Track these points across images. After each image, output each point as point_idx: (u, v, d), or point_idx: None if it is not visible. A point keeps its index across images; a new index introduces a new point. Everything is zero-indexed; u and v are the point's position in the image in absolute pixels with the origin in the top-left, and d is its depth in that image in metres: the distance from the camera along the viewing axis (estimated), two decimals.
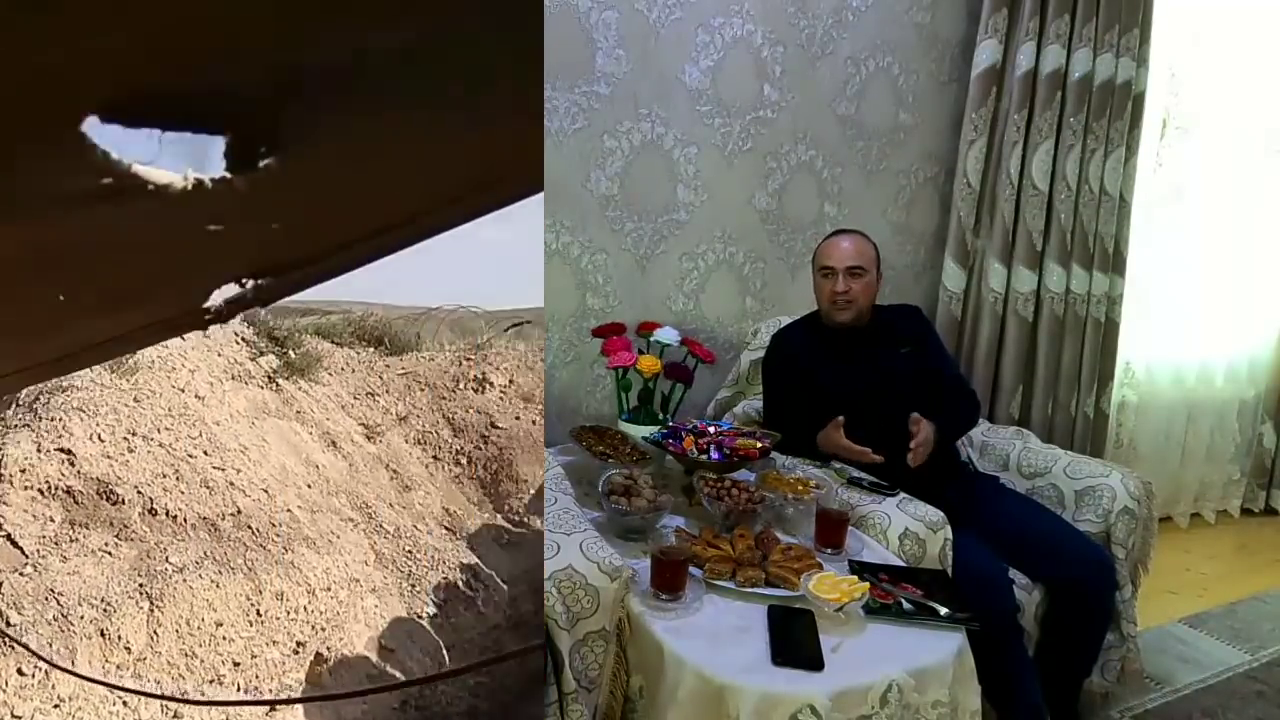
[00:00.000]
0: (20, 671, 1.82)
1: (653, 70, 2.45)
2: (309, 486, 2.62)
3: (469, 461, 3.26)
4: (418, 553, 2.71)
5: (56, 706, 1.82)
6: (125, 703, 1.86)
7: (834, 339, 2.18)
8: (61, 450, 2.20)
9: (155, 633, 1.96)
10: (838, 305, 2.12)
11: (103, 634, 1.90)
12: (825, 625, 1.41)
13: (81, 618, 1.90)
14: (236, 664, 2.05)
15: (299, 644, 2.17)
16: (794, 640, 1.36)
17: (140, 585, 2.00)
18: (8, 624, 1.85)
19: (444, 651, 2.46)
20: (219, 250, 0.65)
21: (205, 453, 2.38)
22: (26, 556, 2.01)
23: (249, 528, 2.27)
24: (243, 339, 2.98)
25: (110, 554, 2.05)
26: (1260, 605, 2.92)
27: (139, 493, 2.16)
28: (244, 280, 0.72)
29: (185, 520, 2.19)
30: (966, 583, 1.70)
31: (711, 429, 2.08)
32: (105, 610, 1.93)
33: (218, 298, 0.74)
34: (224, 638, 2.04)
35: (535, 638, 2.67)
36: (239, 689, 2.02)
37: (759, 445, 1.97)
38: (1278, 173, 3.70)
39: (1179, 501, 3.75)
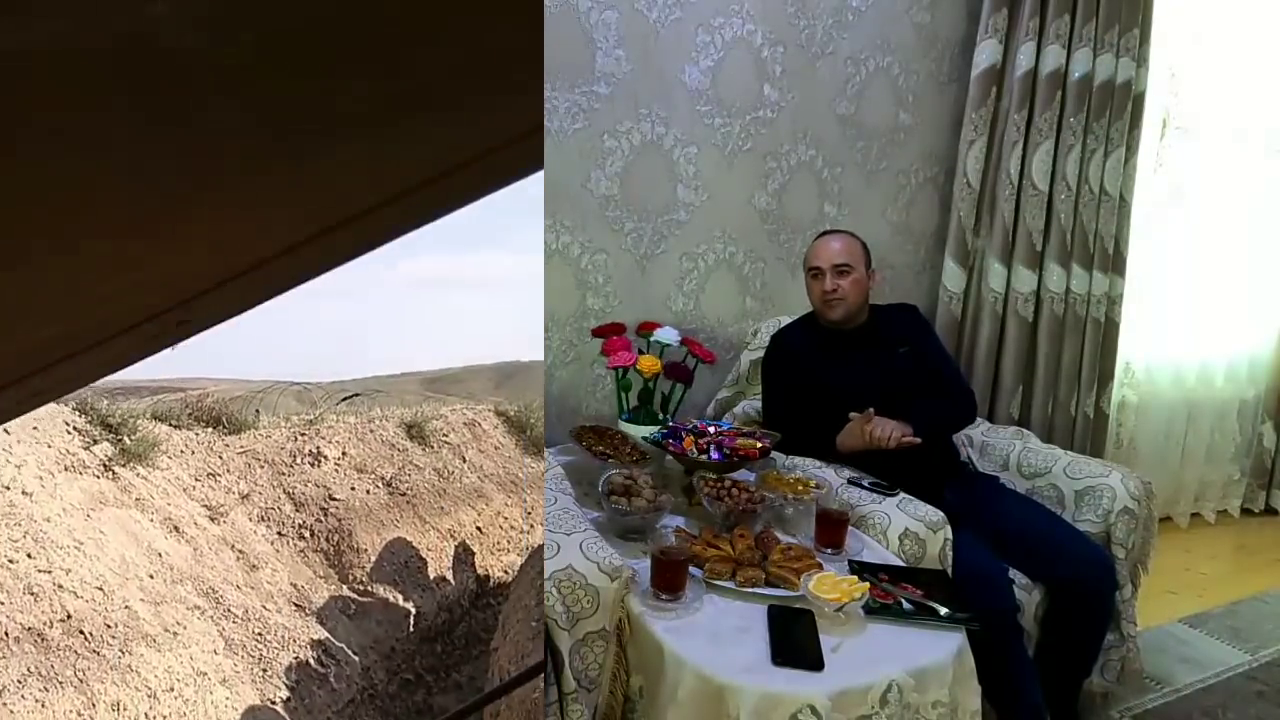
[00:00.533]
0: None
1: (653, 70, 2.45)
2: (151, 577, 2.52)
3: (311, 535, 3.29)
4: (268, 634, 2.65)
5: None
6: None
7: (833, 339, 2.19)
8: None
9: None
10: (828, 303, 2.13)
11: None
12: (825, 625, 1.41)
13: None
14: None
15: None
16: (794, 640, 1.36)
17: None
18: None
19: None
20: None
21: (29, 555, 2.22)
22: None
23: (81, 633, 2.11)
24: (74, 428, 2.89)
25: None
26: (1260, 605, 2.92)
27: None
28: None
29: (6, 633, 2.00)
30: (966, 583, 1.70)
31: (711, 429, 2.08)
32: None
33: None
34: None
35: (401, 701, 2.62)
36: None
37: (759, 445, 1.97)
38: (1278, 173, 3.70)
39: (1179, 501, 3.75)
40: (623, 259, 2.51)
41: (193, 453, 3.36)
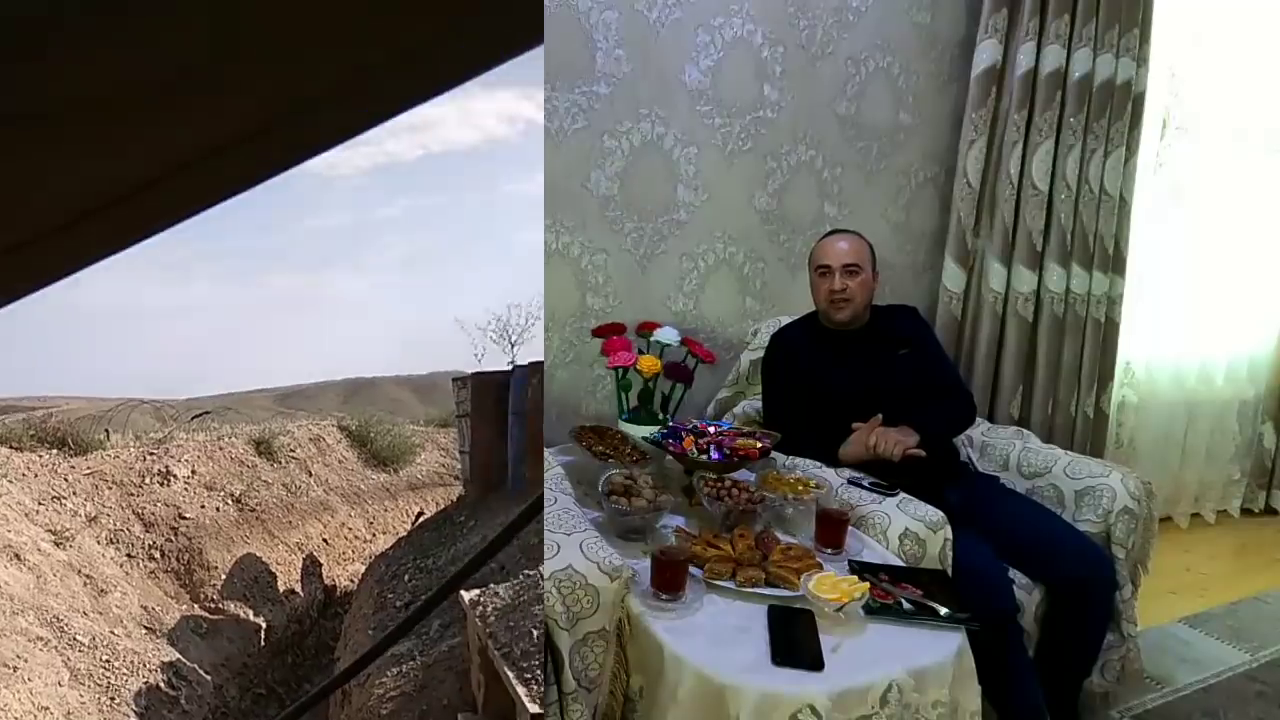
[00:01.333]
0: None
1: (653, 70, 2.45)
2: None
3: (162, 555, 3.26)
4: (116, 660, 2.59)
5: None
6: None
7: (833, 339, 2.19)
8: None
9: None
10: (835, 303, 2.13)
11: None
12: (825, 625, 1.41)
13: None
14: None
15: None
16: (794, 640, 1.36)
17: None
18: None
19: None
20: None
21: None
22: None
23: None
24: None
25: None
26: (1260, 605, 2.92)
27: None
28: None
29: None
30: (966, 583, 1.70)
31: (711, 429, 2.08)
32: None
33: None
34: None
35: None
36: None
37: (759, 445, 1.97)
38: (1278, 173, 3.70)
39: (1179, 501, 3.75)
40: (623, 259, 2.51)
41: (35, 475, 3.29)
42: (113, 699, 2.47)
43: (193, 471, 3.62)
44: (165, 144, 0.39)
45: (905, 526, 1.79)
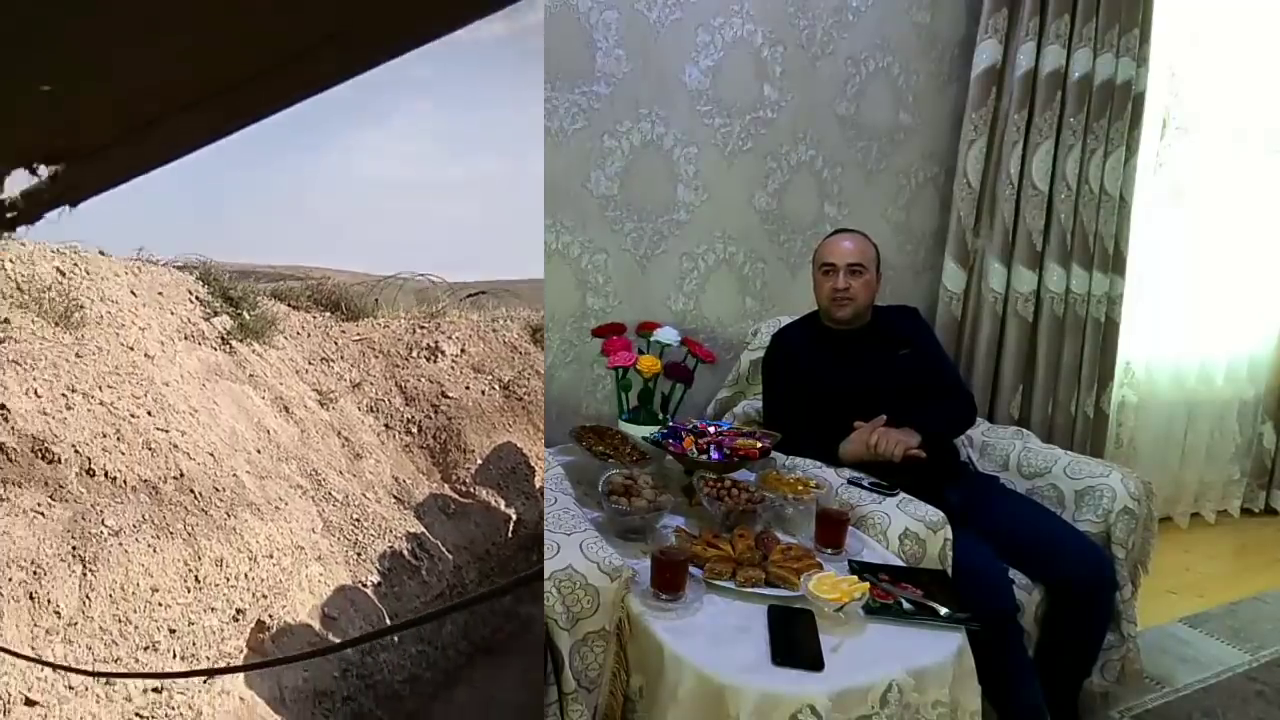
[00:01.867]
0: None
1: (653, 70, 2.45)
2: (258, 452, 2.58)
3: (419, 430, 3.24)
4: (365, 521, 2.68)
5: None
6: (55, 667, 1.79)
7: (833, 339, 2.19)
8: None
9: (88, 597, 1.88)
10: (837, 302, 2.13)
11: (31, 597, 1.82)
12: (825, 625, 1.41)
13: (10, 580, 1.81)
14: (173, 631, 2.00)
15: (239, 611, 2.13)
16: (794, 640, 1.36)
17: (74, 548, 1.92)
18: None
19: (386, 620, 2.45)
20: None
21: (149, 413, 2.30)
22: None
23: (191, 492, 2.21)
24: (197, 297, 2.92)
25: (43, 514, 1.96)
26: (1260, 605, 2.92)
27: (76, 452, 2.08)
28: (36, 167, 0.59)
29: (125, 482, 2.11)
30: (966, 583, 1.70)
31: (711, 429, 2.08)
32: (35, 573, 1.84)
33: (10, 188, 0.63)
34: (160, 604, 1.98)
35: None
36: (175, 656, 1.98)
37: (759, 445, 1.97)
38: (1278, 173, 3.70)
39: (1179, 501, 3.75)
40: (623, 259, 2.51)
41: (309, 335, 3.32)
42: (359, 554, 2.58)
43: (462, 350, 3.54)
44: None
45: (905, 526, 1.79)
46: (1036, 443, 2.37)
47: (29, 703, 1.77)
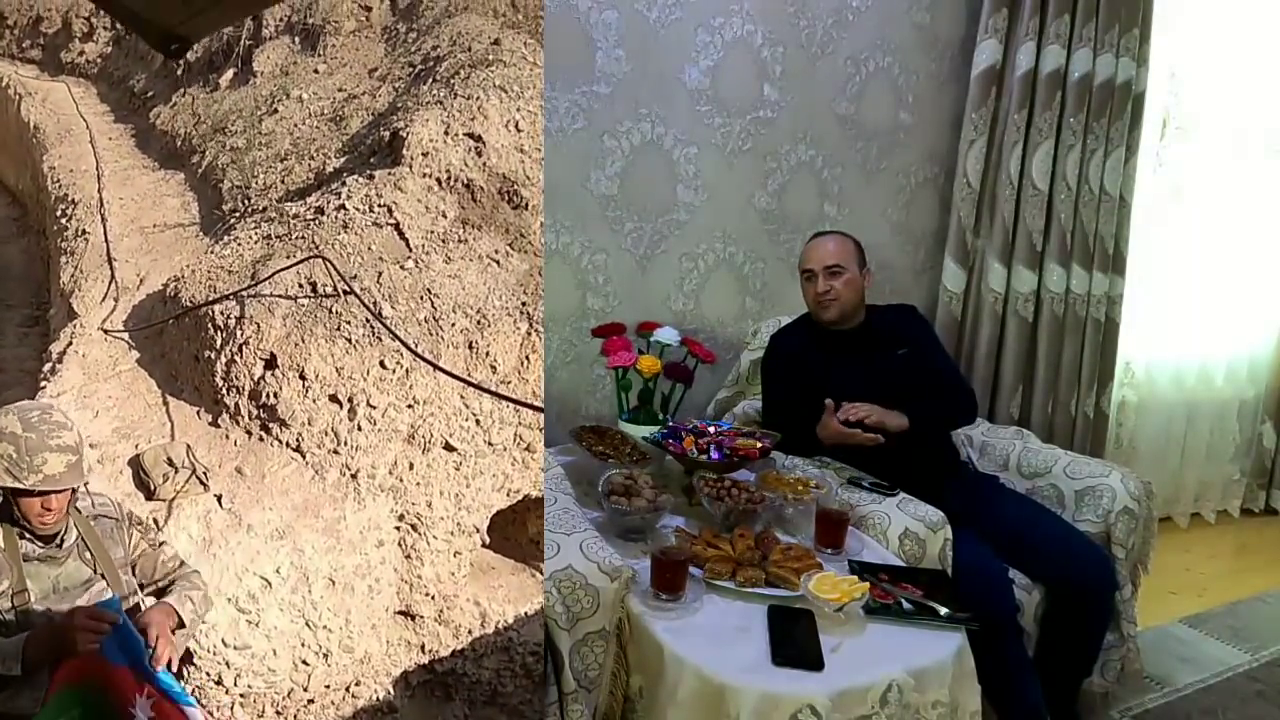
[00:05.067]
0: (383, 364, 1.72)
1: (653, 70, 2.45)
2: None
3: None
4: None
5: (410, 406, 1.73)
6: (478, 421, 1.75)
7: (831, 339, 2.19)
8: (470, 136, 1.93)
9: (527, 358, 1.82)
10: (822, 304, 2.15)
11: (471, 346, 1.76)
12: (825, 625, 1.41)
13: (453, 325, 1.76)
14: None
15: None
16: (794, 640, 1.36)
17: (523, 305, 1.83)
18: (380, 315, 1.73)
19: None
20: None
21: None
22: (410, 250, 1.83)
23: None
24: None
25: (498, 264, 1.86)
26: (1260, 605, 2.92)
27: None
28: None
29: None
30: (966, 583, 1.70)
31: (711, 429, 2.08)
32: (479, 323, 1.78)
33: None
34: None
35: None
36: None
37: (759, 445, 1.97)
38: (1278, 173, 3.70)
39: (1179, 501, 3.75)
40: (623, 259, 2.51)
41: None
42: None
43: None
44: None
45: (905, 526, 1.79)
46: (1036, 443, 2.37)
47: (448, 448, 1.76)
